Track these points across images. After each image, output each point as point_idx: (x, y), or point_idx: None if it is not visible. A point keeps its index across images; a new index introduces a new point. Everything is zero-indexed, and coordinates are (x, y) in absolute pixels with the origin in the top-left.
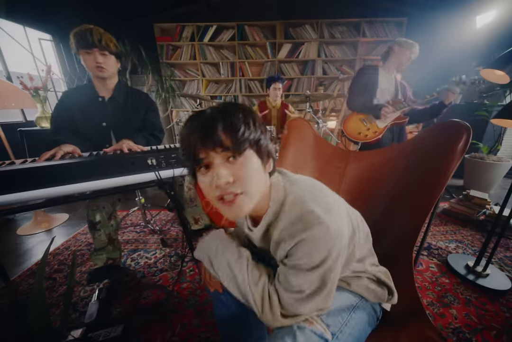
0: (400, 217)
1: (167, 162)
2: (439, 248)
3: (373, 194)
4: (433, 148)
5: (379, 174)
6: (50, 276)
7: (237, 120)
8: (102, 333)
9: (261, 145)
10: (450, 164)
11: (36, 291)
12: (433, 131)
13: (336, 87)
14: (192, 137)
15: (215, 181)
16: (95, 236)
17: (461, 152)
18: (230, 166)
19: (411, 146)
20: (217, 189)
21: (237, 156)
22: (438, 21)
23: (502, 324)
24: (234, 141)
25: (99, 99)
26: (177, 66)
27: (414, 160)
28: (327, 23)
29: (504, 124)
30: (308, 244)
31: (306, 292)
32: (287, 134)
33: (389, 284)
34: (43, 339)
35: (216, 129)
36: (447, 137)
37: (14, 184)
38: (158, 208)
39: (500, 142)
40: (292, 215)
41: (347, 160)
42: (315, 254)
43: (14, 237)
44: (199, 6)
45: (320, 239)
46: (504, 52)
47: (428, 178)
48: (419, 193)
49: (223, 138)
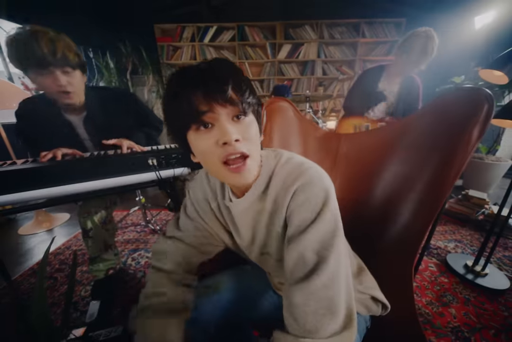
0: (400, 213)
1: (167, 162)
2: (438, 248)
3: (369, 183)
4: (446, 123)
5: (377, 158)
6: (51, 276)
7: (244, 79)
8: (103, 332)
9: (260, 112)
10: (468, 142)
11: (37, 290)
12: (445, 101)
13: (335, 88)
14: (192, 90)
15: (222, 137)
16: (88, 244)
17: (482, 127)
18: (236, 125)
19: (416, 122)
20: (224, 147)
21: (243, 115)
22: (437, 21)
23: (500, 323)
24: (242, 99)
25: (65, 122)
26: (178, 67)
27: (419, 139)
28: (326, 24)
29: (503, 125)
30: (304, 188)
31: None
32: (267, 120)
33: (384, 301)
34: (44, 338)
35: (227, 82)
36: (464, 108)
37: (16, 183)
38: (159, 207)
39: (499, 143)
40: (283, 174)
41: (339, 144)
42: (314, 197)
43: (15, 236)
44: (199, 6)
45: (314, 178)
46: (503, 53)
47: (439, 160)
48: (428, 181)
49: (232, 93)
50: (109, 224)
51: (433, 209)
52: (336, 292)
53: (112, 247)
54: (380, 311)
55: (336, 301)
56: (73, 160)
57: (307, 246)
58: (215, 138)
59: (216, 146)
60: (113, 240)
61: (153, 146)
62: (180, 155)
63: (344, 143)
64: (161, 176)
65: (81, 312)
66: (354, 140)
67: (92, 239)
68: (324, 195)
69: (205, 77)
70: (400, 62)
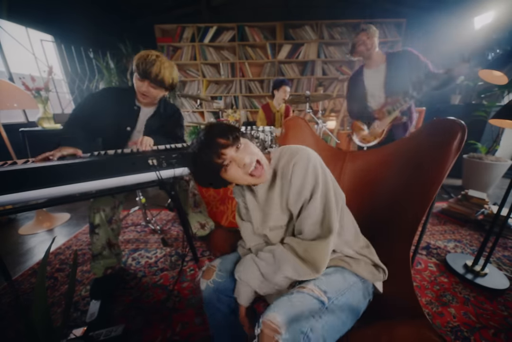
0: (397, 216)
1: (168, 162)
2: (438, 248)
3: (370, 193)
4: (428, 147)
5: (376, 173)
6: (51, 275)
7: (227, 129)
8: (103, 332)
9: (247, 135)
10: (445, 163)
11: (37, 290)
12: (428, 129)
13: (335, 88)
14: (207, 158)
15: (240, 164)
16: (93, 240)
17: (456, 151)
18: (240, 151)
19: (406, 145)
20: (245, 167)
21: (237, 143)
22: (436, 22)
23: (500, 323)
24: (230, 140)
25: (134, 107)
26: (178, 67)
27: (409, 159)
28: (326, 24)
29: (502, 125)
30: (298, 164)
31: (318, 217)
32: (285, 134)
33: (383, 267)
34: (44, 337)
35: (217, 140)
36: (442, 136)
37: (16, 183)
38: (159, 207)
39: (498, 143)
40: (285, 156)
41: (344, 160)
42: (308, 175)
43: (16, 236)
44: (199, 7)
45: (303, 161)
46: (503, 53)
47: (424, 177)
48: (415, 192)
49: (223, 140)
50: (114, 223)
51: (421, 210)
52: (328, 213)
53: (115, 246)
54: (381, 277)
55: (328, 219)
56: (74, 161)
57: (307, 218)
58: (236, 167)
59: (240, 170)
60: (116, 239)
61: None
62: (180, 156)
63: (349, 159)
64: (162, 176)
65: (81, 312)
66: (357, 157)
67: (97, 235)
68: (316, 172)
69: (209, 143)
70: (363, 55)
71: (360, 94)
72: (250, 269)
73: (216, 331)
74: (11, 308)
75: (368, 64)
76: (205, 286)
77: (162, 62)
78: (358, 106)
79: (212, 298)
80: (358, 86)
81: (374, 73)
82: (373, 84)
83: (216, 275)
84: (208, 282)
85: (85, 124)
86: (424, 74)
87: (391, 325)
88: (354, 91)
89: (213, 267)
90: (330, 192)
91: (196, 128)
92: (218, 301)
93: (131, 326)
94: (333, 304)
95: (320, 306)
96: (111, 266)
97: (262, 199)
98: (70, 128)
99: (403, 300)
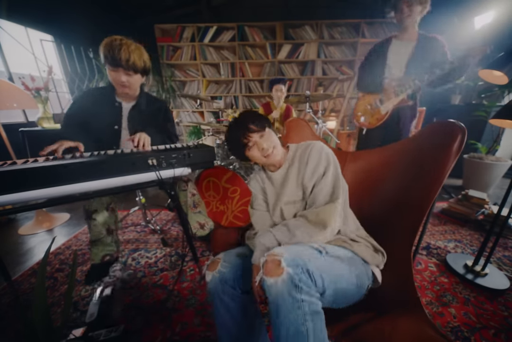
0: (398, 217)
1: (167, 163)
2: (438, 248)
3: (372, 193)
4: (429, 149)
5: (377, 173)
6: (51, 276)
7: (258, 118)
8: (103, 332)
9: (271, 127)
10: (446, 164)
11: (37, 290)
12: (429, 131)
13: (335, 88)
14: (236, 136)
15: (260, 148)
16: (91, 226)
17: (456, 152)
18: (263, 138)
19: (408, 146)
20: (263, 151)
21: (263, 132)
22: (437, 22)
23: (500, 323)
24: (258, 126)
25: (115, 103)
26: (178, 67)
27: (410, 160)
28: (326, 24)
29: (502, 125)
30: (314, 149)
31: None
32: (286, 134)
33: (382, 250)
34: (44, 337)
35: (248, 125)
36: (443, 138)
37: (16, 183)
38: (159, 207)
39: (499, 143)
40: (302, 148)
41: (345, 160)
42: (322, 158)
43: (15, 236)
44: (199, 7)
45: (318, 147)
46: (503, 53)
47: (425, 178)
48: (416, 193)
49: (253, 126)
50: (112, 212)
51: (422, 211)
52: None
53: (114, 233)
54: (380, 260)
55: (334, 190)
56: (74, 161)
57: (318, 193)
58: (257, 149)
59: (259, 152)
60: (116, 227)
61: (153, 146)
62: (180, 156)
63: (350, 160)
64: (161, 176)
65: (81, 312)
66: (358, 157)
67: (94, 221)
68: (328, 158)
69: (241, 124)
70: (398, 19)
71: (378, 65)
72: (267, 236)
73: (220, 324)
74: (11, 308)
75: (400, 36)
76: (210, 278)
77: (128, 45)
78: (371, 78)
79: (217, 289)
80: (379, 55)
81: (402, 47)
82: (395, 59)
83: (221, 265)
84: (213, 272)
85: (80, 123)
86: (442, 62)
87: (393, 320)
88: (373, 60)
89: (218, 259)
90: (339, 174)
91: (196, 128)
92: (223, 292)
93: (131, 326)
94: (327, 255)
95: (318, 255)
96: (110, 253)
97: (278, 183)
98: (68, 128)
99: (405, 299)
